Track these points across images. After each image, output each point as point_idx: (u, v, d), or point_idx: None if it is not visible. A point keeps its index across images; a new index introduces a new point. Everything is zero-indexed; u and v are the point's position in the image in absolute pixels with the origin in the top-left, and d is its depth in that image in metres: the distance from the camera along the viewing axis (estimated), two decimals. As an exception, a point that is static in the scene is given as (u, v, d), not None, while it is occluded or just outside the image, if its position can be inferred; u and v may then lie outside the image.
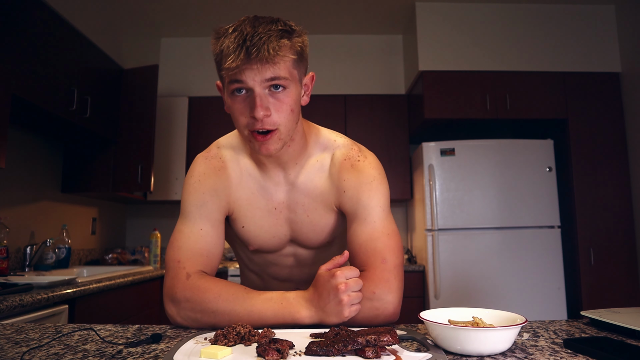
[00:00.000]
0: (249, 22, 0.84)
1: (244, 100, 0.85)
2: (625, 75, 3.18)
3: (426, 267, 3.00)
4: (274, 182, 1.01)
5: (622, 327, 0.80)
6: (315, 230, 1.03)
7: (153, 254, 3.10)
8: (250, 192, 1.01)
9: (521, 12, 3.30)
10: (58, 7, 2.30)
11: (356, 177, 0.98)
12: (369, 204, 0.96)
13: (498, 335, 0.66)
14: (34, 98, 2.07)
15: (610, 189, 3.07)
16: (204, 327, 0.89)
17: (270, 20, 0.85)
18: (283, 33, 0.84)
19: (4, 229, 2.13)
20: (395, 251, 0.93)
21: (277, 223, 1.03)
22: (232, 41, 0.82)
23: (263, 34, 0.81)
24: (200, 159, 1.03)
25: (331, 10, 3.47)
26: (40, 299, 1.57)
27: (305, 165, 1.01)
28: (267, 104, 0.84)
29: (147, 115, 2.97)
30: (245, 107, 0.86)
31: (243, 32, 0.82)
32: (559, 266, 2.93)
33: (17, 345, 0.78)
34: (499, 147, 3.03)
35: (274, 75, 0.83)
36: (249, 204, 1.01)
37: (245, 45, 0.80)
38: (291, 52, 0.85)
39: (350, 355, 0.67)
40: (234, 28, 0.84)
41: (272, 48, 0.81)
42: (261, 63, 0.81)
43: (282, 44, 0.83)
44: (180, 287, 0.91)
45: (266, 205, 1.02)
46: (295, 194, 1.01)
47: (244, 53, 0.80)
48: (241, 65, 0.81)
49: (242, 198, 1.01)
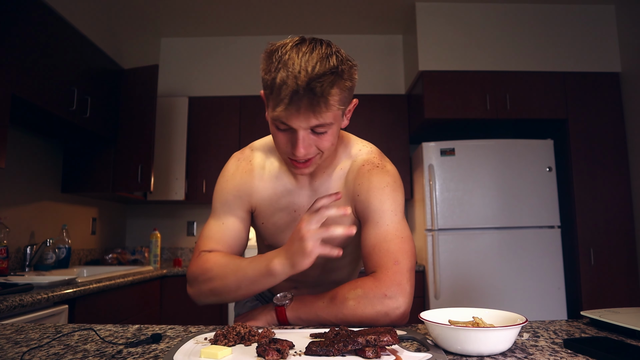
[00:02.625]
0: (302, 57, 0.81)
1: (285, 133, 0.88)
2: (625, 75, 3.18)
3: (426, 267, 3.00)
4: (299, 187, 1.05)
5: (622, 327, 0.80)
6: (331, 238, 1.04)
7: (153, 254, 3.10)
8: (274, 192, 1.05)
9: (521, 12, 3.31)
10: (58, 7, 2.30)
11: (370, 181, 0.99)
12: (381, 207, 0.97)
13: (498, 335, 0.66)
14: (34, 98, 2.07)
15: (610, 189, 3.07)
16: (208, 298, 0.96)
17: (325, 55, 0.82)
18: (334, 79, 0.82)
19: (4, 229, 2.14)
20: (409, 254, 0.93)
21: (294, 225, 1.05)
22: (282, 83, 0.81)
23: (315, 83, 0.80)
24: (233, 160, 1.10)
25: (331, 10, 3.47)
26: (40, 299, 1.57)
27: (332, 174, 1.04)
28: (309, 142, 0.88)
29: (147, 115, 2.97)
30: (287, 140, 0.89)
31: (296, 78, 0.80)
32: (559, 266, 2.93)
33: (17, 345, 0.78)
34: (499, 147, 3.03)
35: (319, 123, 0.85)
36: (271, 204, 1.05)
37: (296, 98, 0.80)
38: (339, 101, 0.85)
39: (350, 355, 0.67)
40: (286, 60, 0.82)
41: (323, 101, 0.81)
42: (308, 114, 0.82)
43: (331, 95, 0.82)
44: (190, 265, 1.01)
45: (287, 207, 1.05)
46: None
47: (294, 106, 0.81)
48: (289, 114, 0.82)
49: (265, 198, 1.05)
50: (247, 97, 3.59)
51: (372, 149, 1.07)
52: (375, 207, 0.97)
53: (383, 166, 1.02)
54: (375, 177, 0.99)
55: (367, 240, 0.96)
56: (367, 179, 0.99)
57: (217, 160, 3.49)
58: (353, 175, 1.02)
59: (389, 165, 1.04)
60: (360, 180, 1.00)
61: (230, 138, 3.50)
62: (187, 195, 3.45)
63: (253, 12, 3.51)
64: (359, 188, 1.00)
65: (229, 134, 3.51)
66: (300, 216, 1.04)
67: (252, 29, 3.78)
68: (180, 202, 3.53)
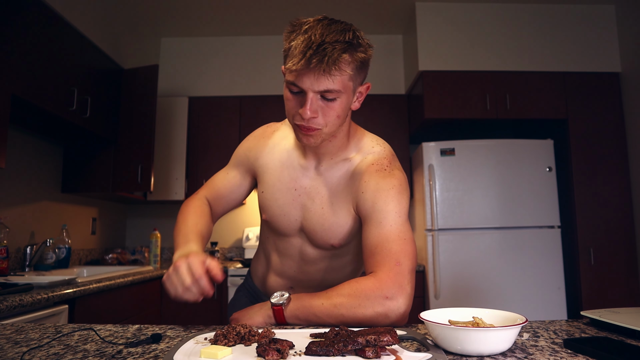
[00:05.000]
0: (321, 27, 0.88)
1: (296, 96, 0.93)
2: (625, 75, 3.18)
3: (426, 267, 3.00)
4: (304, 167, 1.08)
5: (622, 327, 0.80)
6: (324, 225, 1.04)
7: (153, 254, 3.10)
8: (281, 164, 1.10)
9: (521, 12, 3.30)
10: (58, 7, 2.30)
11: (377, 181, 0.99)
12: (385, 208, 0.97)
13: (498, 335, 0.66)
14: (34, 98, 2.07)
15: (610, 189, 3.07)
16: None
17: (342, 29, 0.89)
18: (347, 47, 0.88)
19: (4, 229, 2.13)
20: (411, 256, 0.93)
21: (291, 204, 1.08)
22: (299, 43, 0.87)
23: (328, 45, 0.85)
24: (264, 126, 1.21)
25: (331, 10, 3.47)
26: (40, 299, 1.57)
27: (339, 163, 1.06)
28: (316, 107, 0.91)
29: (147, 115, 2.97)
30: (297, 103, 0.93)
31: (311, 37, 0.86)
32: (559, 266, 2.93)
33: (17, 345, 0.78)
34: (499, 147, 3.03)
35: (327, 88, 0.89)
36: (273, 174, 1.11)
37: (309, 53, 0.85)
38: (350, 67, 0.90)
39: (350, 355, 0.67)
40: (306, 28, 0.89)
41: (333, 61, 0.86)
42: (318, 73, 0.87)
43: (342, 59, 0.87)
44: (188, 200, 1.19)
45: (288, 183, 1.08)
46: (318, 184, 1.06)
47: (305, 60, 0.85)
48: (300, 70, 0.87)
49: (270, 166, 1.12)
50: (247, 97, 3.59)
51: (386, 149, 1.08)
52: (380, 208, 0.97)
53: (392, 169, 1.02)
54: (382, 178, 0.99)
55: (369, 239, 0.96)
56: (374, 178, 1.00)
57: (217, 160, 3.49)
58: (360, 171, 1.03)
59: (398, 168, 1.04)
60: (367, 178, 1.01)
61: (230, 138, 3.50)
62: (187, 195, 3.45)
63: (253, 12, 3.51)
64: (364, 186, 1.00)
65: (229, 134, 3.51)
66: (300, 196, 1.08)
67: (252, 29, 3.78)
68: (180, 202, 3.52)
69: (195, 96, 3.62)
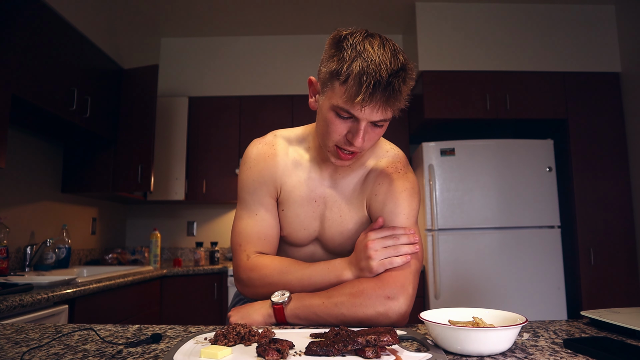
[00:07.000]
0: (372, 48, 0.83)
1: (345, 121, 0.88)
2: (625, 75, 3.18)
3: (426, 267, 3.00)
4: (321, 177, 1.06)
5: (622, 327, 0.80)
6: (342, 233, 1.05)
7: (153, 254, 3.10)
8: (297, 180, 1.06)
9: (521, 12, 3.31)
10: (58, 7, 2.30)
11: (389, 184, 1.00)
12: (395, 210, 0.98)
13: (498, 335, 0.66)
14: (34, 98, 2.07)
15: (610, 189, 3.07)
16: (263, 296, 1.00)
17: (392, 52, 0.84)
18: (406, 76, 0.84)
19: (4, 229, 2.13)
20: (416, 257, 0.94)
21: (312, 216, 1.06)
22: (356, 71, 0.81)
23: (394, 77, 0.82)
24: (254, 144, 1.10)
25: (331, 10, 3.46)
26: (40, 299, 1.57)
27: (355, 169, 1.05)
28: (367, 134, 0.89)
29: (147, 115, 2.97)
30: (344, 129, 0.89)
31: (370, 66, 0.81)
32: (559, 266, 2.93)
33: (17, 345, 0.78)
34: (499, 147, 3.03)
35: (383, 118, 0.87)
36: (293, 191, 1.06)
37: (373, 86, 0.81)
38: (406, 96, 0.87)
39: (350, 355, 0.67)
40: (360, 50, 0.83)
41: (395, 95, 0.83)
42: (379, 106, 0.84)
43: (404, 90, 0.85)
44: (242, 268, 1.04)
45: (308, 195, 1.06)
46: (335, 192, 1.06)
47: (369, 94, 0.81)
48: (364, 104, 0.83)
49: (288, 184, 1.06)
50: (247, 97, 3.59)
51: (399, 153, 1.08)
52: (390, 209, 0.98)
53: (406, 172, 1.03)
54: (395, 181, 1.01)
55: None
56: (387, 181, 1.01)
57: (217, 160, 3.49)
58: (375, 175, 1.03)
59: (411, 173, 1.05)
60: (380, 181, 1.02)
61: (230, 138, 3.50)
62: (187, 195, 3.45)
63: (253, 12, 3.51)
64: (378, 188, 1.01)
65: (229, 134, 3.51)
66: (319, 207, 1.06)
67: (252, 29, 3.78)
68: (180, 202, 3.53)
69: (195, 96, 3.63)
